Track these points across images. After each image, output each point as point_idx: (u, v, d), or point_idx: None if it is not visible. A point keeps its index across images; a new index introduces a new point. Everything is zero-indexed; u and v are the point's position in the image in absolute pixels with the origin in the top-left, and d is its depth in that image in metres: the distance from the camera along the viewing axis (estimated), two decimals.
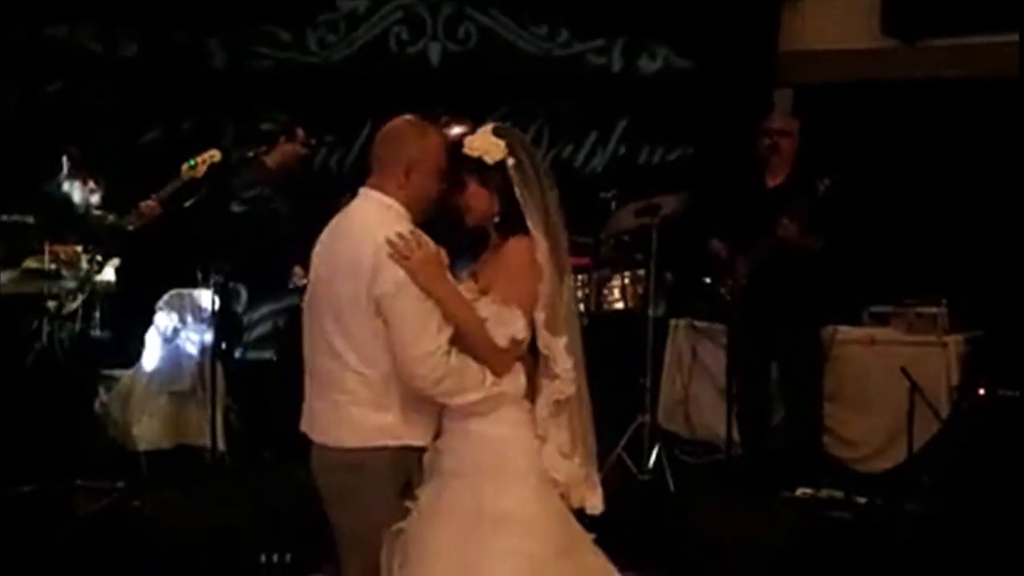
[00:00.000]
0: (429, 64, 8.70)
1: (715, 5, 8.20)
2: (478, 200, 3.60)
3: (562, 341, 3.51)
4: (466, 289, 3.58)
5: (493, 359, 3.49)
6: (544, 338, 3.51)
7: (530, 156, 3.58)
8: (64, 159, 7.28)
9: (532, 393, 3.58)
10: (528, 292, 3.50)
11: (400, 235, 3.46)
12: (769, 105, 8.17)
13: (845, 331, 7.08)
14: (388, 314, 3.47)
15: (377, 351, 3.51)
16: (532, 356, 3.60)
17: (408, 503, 3.57)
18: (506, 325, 3.46)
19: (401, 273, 3.44)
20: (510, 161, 3.54)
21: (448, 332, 3.46)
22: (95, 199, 7.28)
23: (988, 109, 7.52)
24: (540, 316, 3.50)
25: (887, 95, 7.88)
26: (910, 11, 7.91)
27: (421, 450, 3.61)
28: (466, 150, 3.58)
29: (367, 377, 3.55)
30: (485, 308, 3.49)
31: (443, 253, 3.58)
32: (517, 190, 3.53)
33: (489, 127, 3.61)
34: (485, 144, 3.55)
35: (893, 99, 7.86)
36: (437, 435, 3.63)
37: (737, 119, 8.10)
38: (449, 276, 3.54)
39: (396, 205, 3.60)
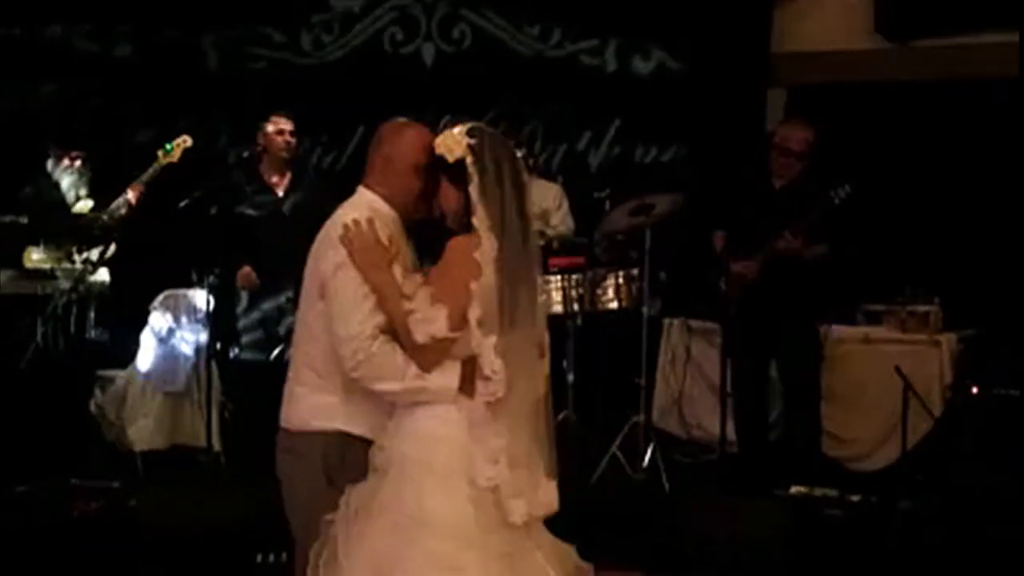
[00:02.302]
0: (423, 65, 8.72)
1: (708, 6, 8.21)
2: (447, 198, 3.58)
3: (491, 341, 3.45)
4: (411, 282, 3.56)
5: (415, 354, 3.46)
6: (475, 336, 3.46)
7: (496, 156, 3.53)
8: (49, 151, 7.34)
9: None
10: (457, 289, 3.46)
11: (355, 221, 3.55)
12: (762, 106, 8.20)
13: (838, 330, 7.09)
14: (326, 294, 3.57)
15: (319, 331, 3.61)
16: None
17: (340, 498, 3.55)
18: (428, 323, 3.43)
19: (343, 255, 3.53)
20: (469, 159, 3.51)
21: (378, 319, 3.49)
22: (83, 183, 7.31)
23: (981, 109, 7.54)
24: (472, 314, 3.46)
25: (880, 95, 7.91)
26: (903, 11, 7.93)
27: (362, 440, 3.61)
28: (434, 148, 3.59)
29: (310, 356, 3.67)
30: (417, 303, 3.47)
31: (397, 245, 3.61)
32: (472, 188, 3.50)
33: (464, 126, 3.58)
34: (449, 142, 3.55)
35: (886, 99, 7.88)
36: None
37: (731, 120, 8.14)
38: (395, 268, 3.54)
39: (378, 201, 3.70)
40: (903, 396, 6.33)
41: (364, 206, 3.67)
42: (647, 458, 6.70)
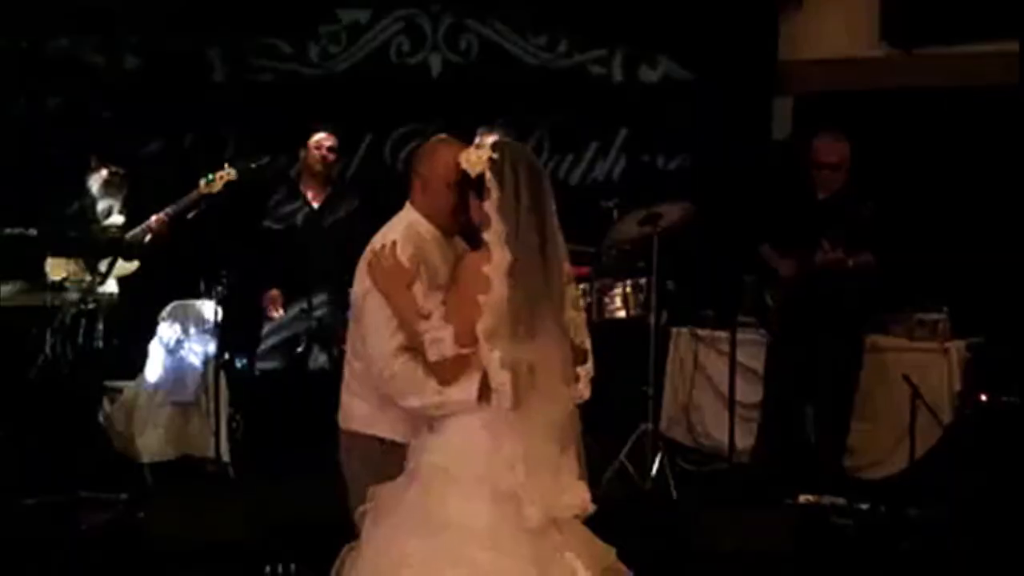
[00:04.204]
0: (430, 75, 8.72)
1: (714, 15, 8.22)
2: (476, 212, 3.66)
3: (496, 355, 3.49)
4: (433, 299, 3.63)
5: (435, 370, 3.56)
6: (482, 350, 3.52)
7: (515, 171, 3.58)
8: (91, 160, 7.36)
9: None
10: (466, 306, 3.53)
11: (382, 247, 3.71)
12: (769, 114, 8.21)
13: None
14: (358, 317, 3.80)
15: (360, 345, 3.81)
16: None
17: (370, 494, 3.66)
18: (435, 342, 3.53)
19: (369, 282, 3.71)
20: (487, 174, 3.58)
21: (400, 339, 3.64)
22: (119, 198, 7.34)
23: (986, 117, 7.54)
24: (480, 328, 3.51)
25: (886, 103, 7.91)
26: (909, 20, 7.93)
27: (398, 445, 3.76)
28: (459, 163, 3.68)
29: (354, 368, 3.89)
30: (431, 322, 3.56)
31: (428, 263, 3.73)
32: (488, 202, 3.56)
33: (490, 139, 3.67)
34: (471, 158, 3.63)
35: (892, 107, 7.88)
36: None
37: (737, 128, 8.14)
38: (416, 288, 3.65)
39: (419, 219, 3.85)
40: (911, 404, 6.33)
41: (402, 225, 3.83)
42: (655, 467, 6.70)
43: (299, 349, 7.12)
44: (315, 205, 7.29)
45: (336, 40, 8.81)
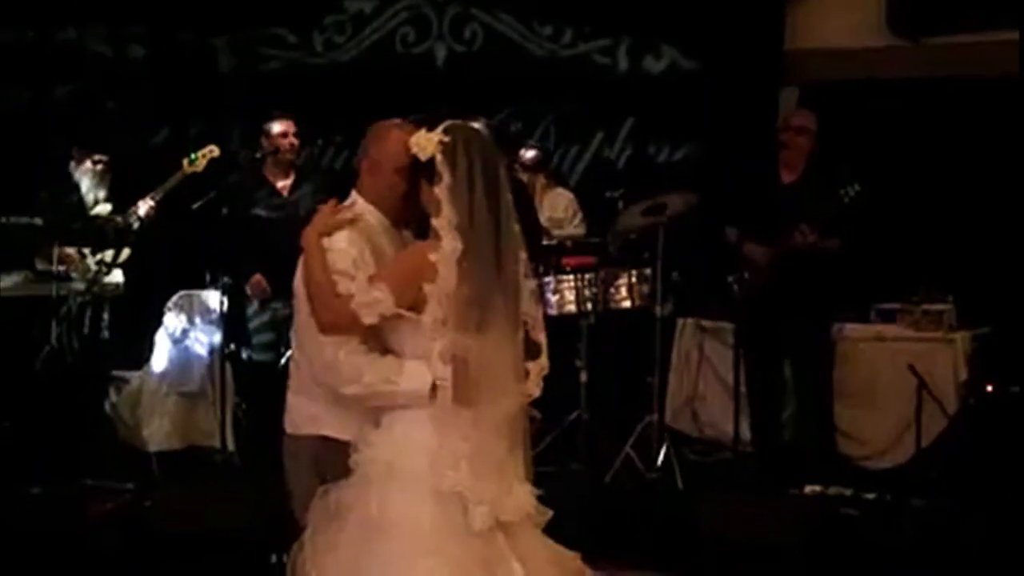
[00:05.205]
0: (435, 65, 8.73)
1: (720, 4, 8.21)
2: (427, 197, 3.48)
3: (437, 346, 3.36)
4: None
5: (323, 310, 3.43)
6: (428, 341, 3.39)
7: (469, 155, 3.40)
8: (73, 151, 7.37)
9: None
10: (392, 283, 3.37)
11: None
12: (775, 103, 8.20)
13: (852, 328, 7.08)
14: (299, 305, 3.61)
15: (305, 337, 3.61)
16: None
17: (318, 500, 3.51)
18: (375, 303, 3.35)
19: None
20: (438, 157, 3.40)
21: None
22: (103, 186, 7.35)
23: (993, 107, 7.52)
24: (427, 318, 3.36)
25: (892, 93, 7.89)
26: (915, 9, 7.92)
27: (344, 444, 3.55)
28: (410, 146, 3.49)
29: (299, 364, 3.70)
30: (356, 286, 3.41)
31: (377, 250, 3.57)
32: (440, 188, 3.38)
33: (444, 124, 3.47)
34: (421, 141, 3.44)
35: (899, 97, 7.87)
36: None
37: (743, 118, 8.13)
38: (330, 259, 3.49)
39: (366, 205, 3.63)
40: (917, 394, 6.33)
41: (350, 208, 3.61)
42: (661, 457, 6.71)
43: (288, 353, 7.09)
44: (284, 194, 7.24)
45: (341, 30, 8.82)
